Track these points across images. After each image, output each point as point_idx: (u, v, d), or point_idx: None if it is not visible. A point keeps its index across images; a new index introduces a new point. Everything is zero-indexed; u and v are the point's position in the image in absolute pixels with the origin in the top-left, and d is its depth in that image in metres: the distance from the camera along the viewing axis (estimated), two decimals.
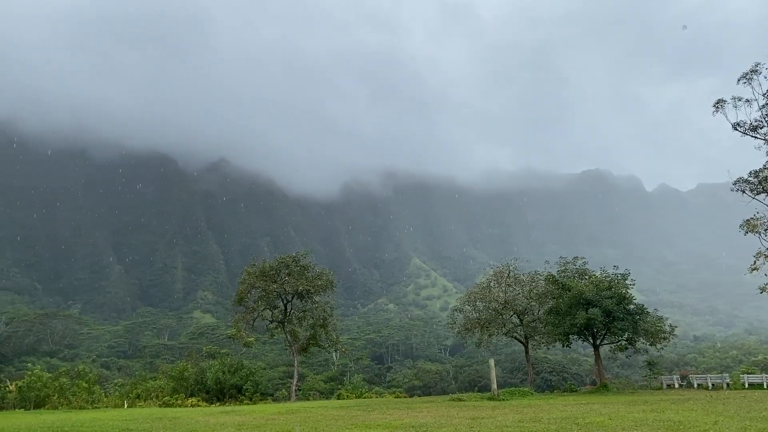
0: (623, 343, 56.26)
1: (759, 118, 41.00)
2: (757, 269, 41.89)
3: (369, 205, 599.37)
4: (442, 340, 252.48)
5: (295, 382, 65.24)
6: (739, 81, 40.88)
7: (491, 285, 64.98)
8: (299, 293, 62.24)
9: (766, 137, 41.07)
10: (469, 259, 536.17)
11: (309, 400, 72.89)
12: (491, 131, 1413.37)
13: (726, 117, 41.02)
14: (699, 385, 61.08)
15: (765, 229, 42.01)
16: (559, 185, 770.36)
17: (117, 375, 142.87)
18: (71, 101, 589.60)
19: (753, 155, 43.35)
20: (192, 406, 52.33)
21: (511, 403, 36.51)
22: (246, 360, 74.94)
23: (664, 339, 55.24)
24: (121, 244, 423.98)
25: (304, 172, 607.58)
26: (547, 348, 67.47)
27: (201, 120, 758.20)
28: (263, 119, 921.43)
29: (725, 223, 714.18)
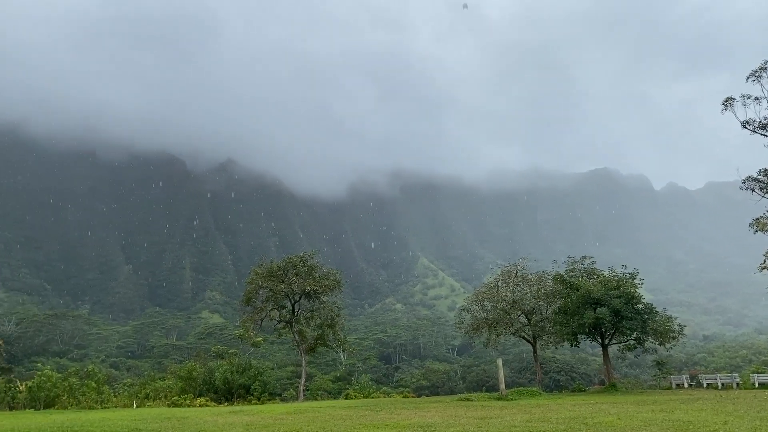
0: (632, 342, 56.01)
1: None
2: (766, 268, 41.65)
3: (376, 205, 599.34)
4: (449, 339, 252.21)
5: (303, 382, 65.34)
6: (748, 79, 40.67)
7: (499, 285, 64.85)
8: (307, 293, 62.30)
9: None
10: (476, 258, 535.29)
11: (317, 400, 72.97)
12: (498, 131, 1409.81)
13: (735, 115, 40.82)
14: (708, 384, 60.72)
15: None
16: (566, 184, 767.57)
17: (126, 375, 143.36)
18: (80, 103, 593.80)
19: (762, 153, 43.08)
20: (200, 406, 52.50)
21: (520, 403, 36.43)
22: (254, 360, 75.14)
23: (673, 338, 54.94)
24: (129, 245, 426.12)
25: (311, 172, 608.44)
26: (556, 348, 67.20)
27: (208, 121, 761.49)
28: (270, 120, 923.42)
29: (734, 221, 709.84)
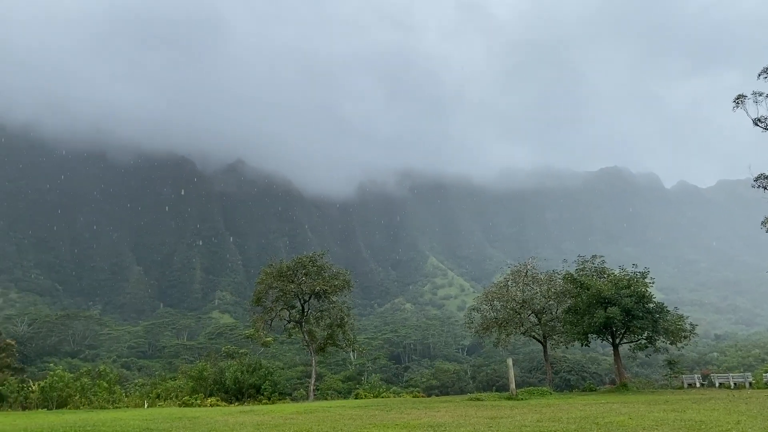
0: (643, 341, 55.70)
1: None
2: None
3: (385, 205, 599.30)
4: (459, 339, 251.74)
5: (313, 382, 65.44)
6: (759, 76, 40.28)
7: (509, 284, 64.66)
8: (316, 293, 62.35)
9: None
10: (486, 258, 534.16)
11: (327, 399, 73.08)
12: (508, 129, 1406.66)
13: (746, 113, 40.45)
14: (721, 384, 60.27)
15: None
16: (576, 183, 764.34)
17: (137, 375, 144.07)
18: (90, 105, 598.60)
19: None
20: (211, 405, 52.64)
21: (530, 403, 36.32)
22: (264, 360, 75.36)
23: (685, 338, 54.60)
24: (140, 246, 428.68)
25: (320, 172, 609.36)
26: (566, 347, 66.94)
27: (218, 122, 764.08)
28: (279, 120, 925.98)
29: (746, 220, 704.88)
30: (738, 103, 40.80)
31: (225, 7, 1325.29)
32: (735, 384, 58.61)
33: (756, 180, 42.20)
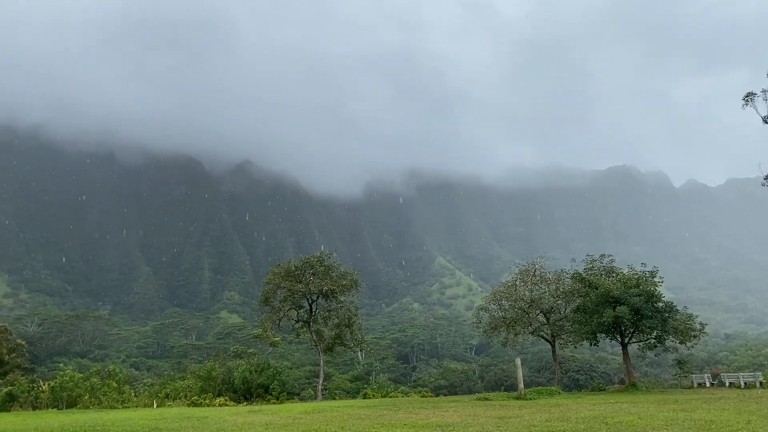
0: (652, 341, 55.39)
1: None
2: None
3: (392, 205, 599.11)
4: (467, 339, 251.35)
5: (321, 382, 65.56)
6: None
7: (517, 284, 64.48)
8: (324, 293, 62.42)
9: None
10: (494, 257, 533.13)
11: (335, 399, 73.19)
12: (515, 128, 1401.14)
13: (756, 110, 40.19)
14: (731, 383, 59.93)
15: None
16: (584, 182, 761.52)
17: (146, 375, 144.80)
18: (99, 106, 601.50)
19: None
20: (220, 405, 52.82)
21: (539, 403, 36.22)
22: (272, 360, 75.52)
23: (694, 337, 54.24)
24: (148, 246, 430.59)
25: (327, 172, 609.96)
26: (575, 347, 66.61)
27: (225, 122, 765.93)
28: (286, 121, 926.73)
29: (756, 218, 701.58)
30: (747, 100, 40.54)
31: (231, 8, 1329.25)
32: (745, 383, 58.25)
33: (766, 178, 41.91)
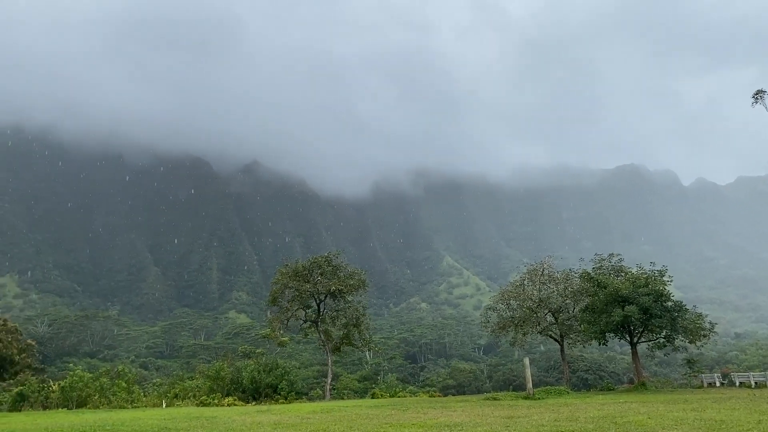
0: (661, 340, 55.12)
1: None
2: None
3: (400, 205, 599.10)
4: (475, 339, 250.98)
5: (329, 381, 65.57)
6: None
7: (525, 283, 64.27)
8: (332, 293, 62.46)
9: None
10: (502, 257, 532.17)
11: (343, 399, 73.24)
12: (523, 128, 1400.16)
13: (766, 108, 39.95)
14: (741, 383, 59.60)
15: None
16: (592, 181, 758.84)
17: (155, 375, 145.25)
18: (107, 108, 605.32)
19: None
20: (228, 405, 52.93)
21: (547, 402, 36.11)
22: (281, 359, 75.52)
23: (704, 336, 53.92)
24: (157, 246, 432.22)
25: (334, 172, 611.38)
26: (583, 346, 66.36)
27: (233, 123, 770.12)
28: (294, 121, 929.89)
29: (766, 216, 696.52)
30: (757, 98, 40.35)
31: (238, 8, 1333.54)
32: (756, 383, 57.91)
33: None
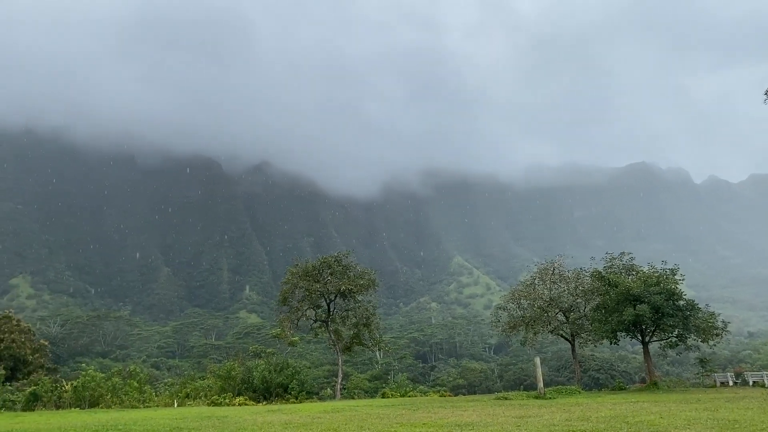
0: (673, 339, 54.69)
1: None
2: None
3: (409, 204, 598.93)
4: (486, 338, 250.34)
5: (339, 381, 65.63)
6: None
7: (536, 282, 64.00)
8: (342, 293, 62.46)
9: None
10: (512, 256, 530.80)
11: (354, 398, 73.19)
12: (533, 126, 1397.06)
13: None
14: (755, 382, 59.07)
15: None
16: (603, 179, 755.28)
17: (167, 375, 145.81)
18: (118, 109, 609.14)
19: None
20: (239, 404, 53.07)
21: (558, 402, 35.94)
22: (291, 359, 75.56)
23: (717, 335, 53.41)
24: (168, 247, 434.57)
25: (344, 172, 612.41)
26: (594, 345, 65.97)
27: (243, 123, 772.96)
28: (304, 121, 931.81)
29: None
30: None
31: (249, 8, 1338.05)
32: None
33: None
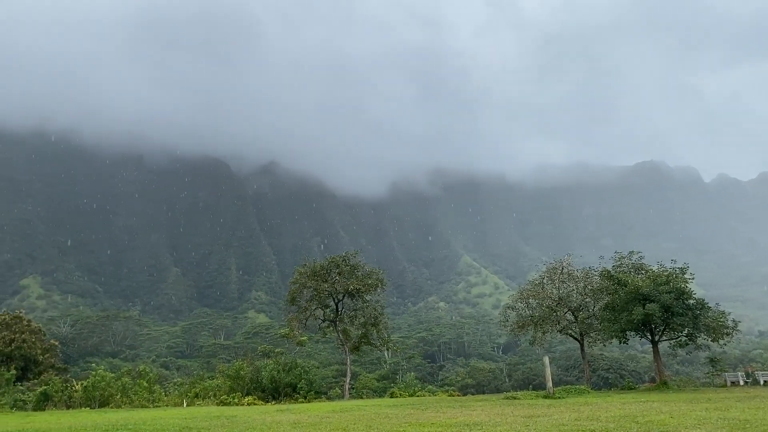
0: (683, 339, 54.38)
1: None
2: None
3: (417, 204, 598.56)
4: (494, 338, 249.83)
5: (348, 381, 65.69)
6: None
7: (544, 282, 63.78)
8: (350, 292, 62.51)
9: None
10: (520, 255, 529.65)
11: (362, 398, 73.28)
12: (541, 125, 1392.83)
13: None
14: (765, 382, 58.70)
15: None
16: (612, 178, 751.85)
17: (176, 374, 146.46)
18: (127, 110, 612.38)
19: None
20: (248, 404, 53.23)
21: (568, 401, 35.81)
22: (300, 359, 75.75)
23: (727, 335, 53.02)
24: (177, 247, 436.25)
25: (352, 172, 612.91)
26: (604, 345, 65.64)
27: (251, 124, 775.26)
28: (311, 121, 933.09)
29: None
30: None
31: (255, 9, 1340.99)
32: None
33: None
